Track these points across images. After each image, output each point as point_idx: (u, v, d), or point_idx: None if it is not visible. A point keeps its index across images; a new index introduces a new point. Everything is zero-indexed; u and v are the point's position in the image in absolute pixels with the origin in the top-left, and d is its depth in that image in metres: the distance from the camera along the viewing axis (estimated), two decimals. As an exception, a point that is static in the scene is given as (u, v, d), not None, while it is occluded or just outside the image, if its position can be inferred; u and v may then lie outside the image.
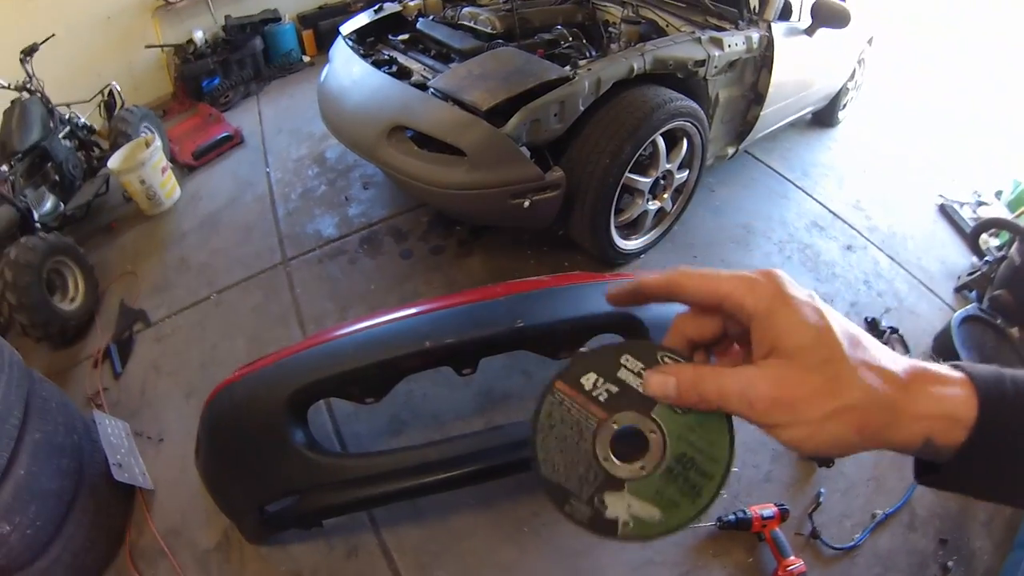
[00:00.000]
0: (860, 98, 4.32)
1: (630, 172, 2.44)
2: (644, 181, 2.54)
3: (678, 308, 0.50)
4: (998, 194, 3.69)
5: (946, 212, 3.50)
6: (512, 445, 1.76)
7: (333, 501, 1.69)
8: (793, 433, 0.41)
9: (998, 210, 3.55)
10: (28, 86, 3.53)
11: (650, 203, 2.67)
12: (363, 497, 1.69)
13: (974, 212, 3.50)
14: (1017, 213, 3.47)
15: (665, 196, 2.73)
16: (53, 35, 3.79)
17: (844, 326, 0.42)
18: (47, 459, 1.78)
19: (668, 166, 2.61)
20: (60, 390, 2.07)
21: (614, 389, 0.48)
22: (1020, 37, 5.68)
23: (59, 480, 1.81)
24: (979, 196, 3.65)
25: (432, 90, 2.45)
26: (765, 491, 2.02)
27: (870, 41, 4.01)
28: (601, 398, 0.48)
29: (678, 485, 0.46)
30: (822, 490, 2.02)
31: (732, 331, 0.48)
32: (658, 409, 0.47)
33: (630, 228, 2.75)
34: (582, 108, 2.31)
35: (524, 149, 2.27)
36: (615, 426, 0.47)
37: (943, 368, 0.43)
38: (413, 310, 1.93)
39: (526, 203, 2.31)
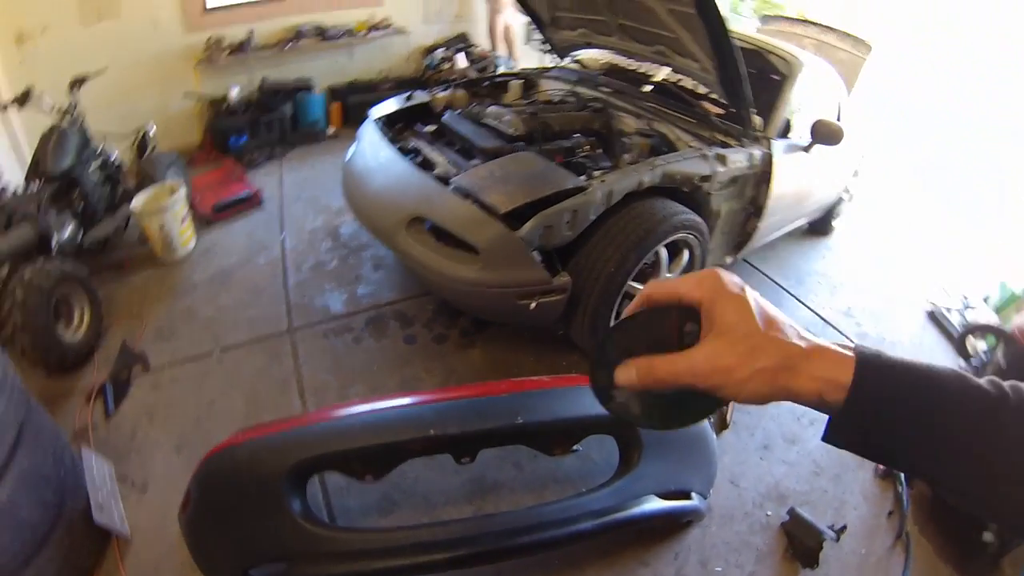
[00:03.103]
0: (854, 208, 4.52)
1: (632, 280, 2.55)
2: (645, 289, 2.64)
3: None
4: (986, 299, 3.81)
5: (935, 318, 3.62)
6: (502, 533, 1.82)
7: (321, 572, 1.72)
8: (728, 392, 0.54)
9: (985, 314, 3.66)
10: (71, 114, 3.60)
11: (649, 310, 2.76)
12: (352, 571, 1.72)
13: (962, 317, 3.60)
14: (1004, 316, 3.57)
15: (664, 304, 2.82)
16: (106, 69, 3.90)
17: (763, 309, 0.56)
18: (32, 488, 1.74)
19: (669, 275, 2.73)
20: (53, 420, 2.04)
21: None
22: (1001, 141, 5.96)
23: (39, 512, 1.76)
24: (967, 301, 3.77)
25: (454, 186, 2.58)
26: (749, 592, 2.05)
27: (863, 155, 4.23)
28: None
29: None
30: (805, 592, 2.05)
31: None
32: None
33: (629, 333, 2.82)
34: (593, 217, 2.44)
35: (535, 253, 2.39)
36: None
37: (839, 346, 0.55)
38: (420, 398, 2.03)
39: (532, 305, 2.41)
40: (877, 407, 0.53)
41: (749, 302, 0.55)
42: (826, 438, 0.58)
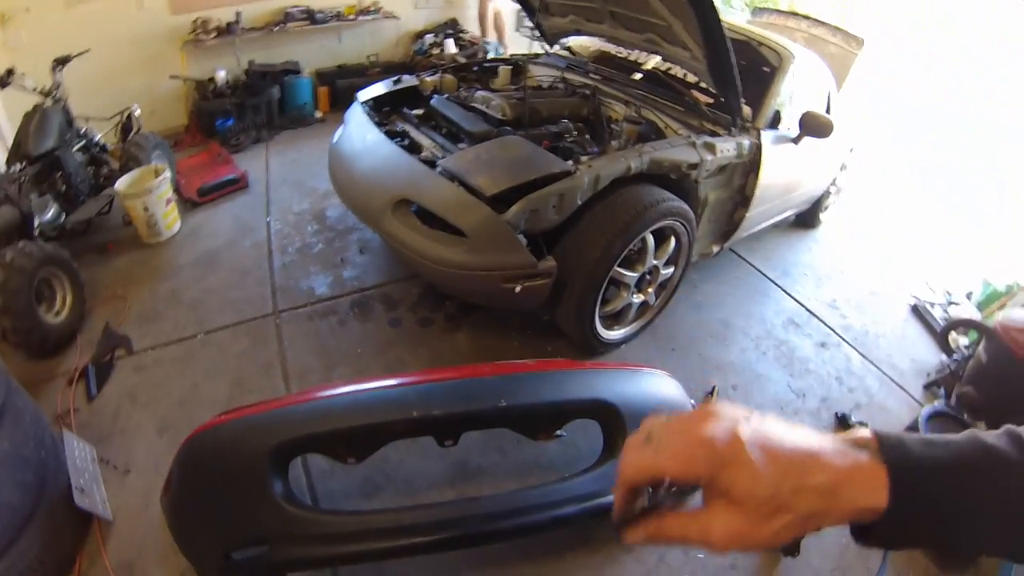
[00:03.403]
0: (841, 201, 4.56)
1: (618, 266, 2.55)
2: (631, 275, 2.65)
3: (655, 397, 0.62)
4: (969, 295, 3.87)
5: (918, 312, 3.66)
6: (484, 517, 1.81)
7: (303, 554, 1.70)
8: (746, 550, 0.51)
9: (968, 310, 3.72)
10: (54, 94, 3.58)
11: (635, 296, 2.77)
12: (334, 554, 1.71)
13: (945, 312, 3.66)
14: (986, 313, 3.64)
15: (650, 290, 2.83)
16: (88, 50, 3.87)
17: (771, 450, 0.50)
18: (12, 470, 1.74)
19: (655, 262, 2.73)
20: (34, 402, 2.02)
21: None
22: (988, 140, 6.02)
23: (20, 494, 1.76)
24: (950, 297, 3.83)
25: (441, 169, 2.57)
26: (730, 583, 2.06)
27: (852, 149, 4.26)
28: None
29: None
30: (786, 581, 2.06)
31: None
32: None
33: (614, 319, 2.84)
34: (580, 202, 2.43)
35: (521, 237, 2.38)
36: None
37: (858, 444, 0.52)
38: (403, 379, 2.02)
39: (517, 288, 2.40)
40: (917, 516, 0.50)
41: (755, 460, 0.49)
42: (861, 544, 0.55)
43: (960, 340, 3.26)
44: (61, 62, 3.68)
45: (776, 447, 0.50)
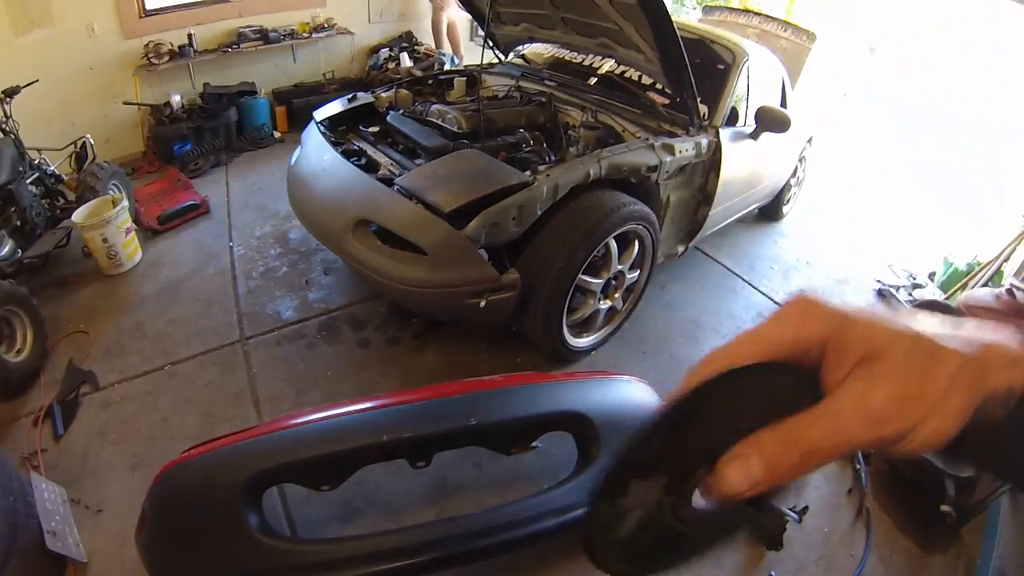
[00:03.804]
0: (803, 193, 4.63)
1: (583, 273, 2.55)
2: (596, 282, 2.66)
3: (628, 404, 0.47)
4: (931, 275, 3.95)
5: (884, 296, 3.73)
6: (465, 536, 1.81)
7: None
8: (931, 425, 0.36)
9: (932, 291, 3.80)
10: (3, 126, 3.50)
11: (601, 303, 2.78)
12: None
13: (910, 295, 3.73)
14: (949, 293, 3.71)
15: (616, 296, 2.84)
16: (37, 81, 3.79)
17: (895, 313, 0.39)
18: None
19: (620, 267, 2.74)
20: None
21: None
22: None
23: None
24: (914, 279, 3.90)
25: (398, 187, 2.55)
26: (715, 576, 2.07)
27: (810, 140, 4.32)
28: None
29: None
30: (772, 573, 2.08)
31: None
32: None
33: (582, 326, 2.84)
34: (539, 212, 2.43)
35: (482, 251, 2.37)
36: None
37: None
38: (371, 403, 2.01)
39: (482, 303, 2.39)
40: None
41: (886, 313, 0.39)
42: (981, 457, 0.43)
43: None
44: (10, 94, 3.59)
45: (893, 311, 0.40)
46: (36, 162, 3.74)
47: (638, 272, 2.89)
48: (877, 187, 5.32)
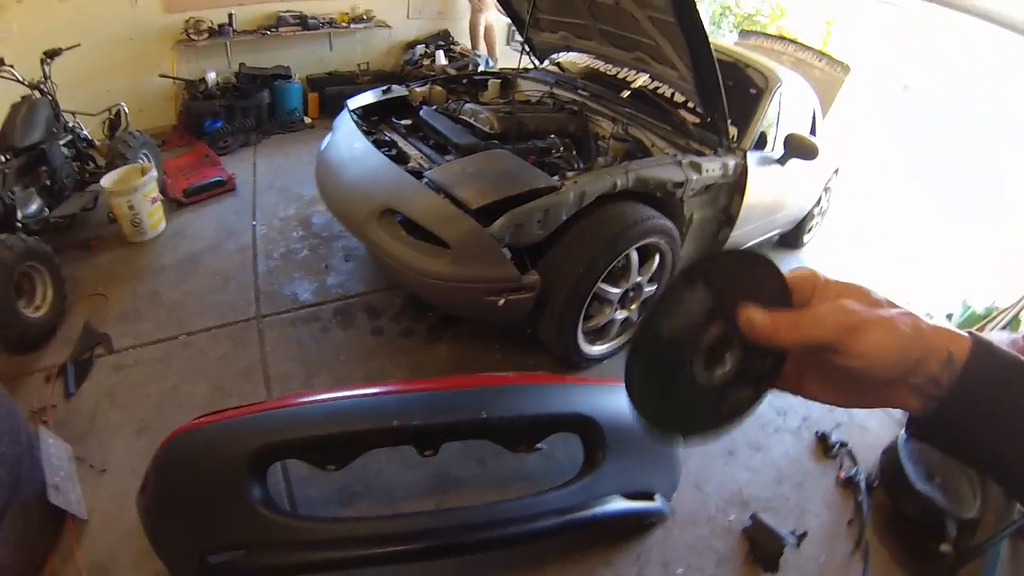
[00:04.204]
0: (826, 223, 4.61)
1: (602, 282, 2.56)
2: (614, 292, 2.66)
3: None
4: (949, 316, 3.91)
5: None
6: (462, 528, 1.81)
7: (279, 560, 1.69)
8: (877, 333, 0.50)
9: None
10: (42, 86, 3.55)
11: (618, 312, 2.79)
12: (310, 560, 1.70)
13: None
14: None
15: (633, 307, 2.84)
16: (79, 45, 3.86)
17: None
18: None
19: (639, 279, 2.75)
20: (10, 398, 2.00)
21: None
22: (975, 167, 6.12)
23: None
24: (931, 318, 3.86)
25: (427, 180, 2.57)
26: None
27: (836, 171, 4.31)
28: None
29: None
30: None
31: None
32: None
33: (596, 334, 2.84)
34: (564, 217, 2.45)
35: (505, 250, 2.39)
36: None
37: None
38: (385, 388, 2.03)
39: (501, 301, 2.41)
40: (988, 390, 0.50)
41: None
42: (916, 430, 0.56)
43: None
44: (51, 55, 3.65)
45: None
46: (70, 125, 3.79)
47: (656, 286, 2.90)
48: (900, 218, 5.30)
